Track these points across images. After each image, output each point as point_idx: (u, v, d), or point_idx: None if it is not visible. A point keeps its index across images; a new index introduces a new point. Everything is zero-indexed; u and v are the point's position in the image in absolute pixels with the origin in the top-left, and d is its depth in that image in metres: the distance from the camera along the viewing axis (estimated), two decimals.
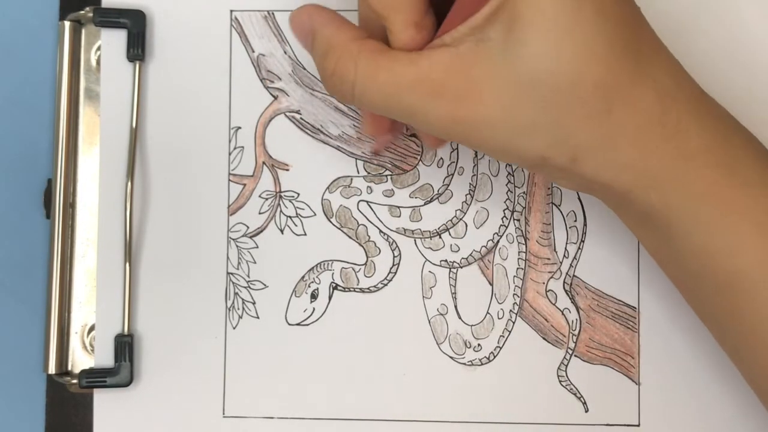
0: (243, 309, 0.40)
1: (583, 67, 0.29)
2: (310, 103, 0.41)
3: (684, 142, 0.31)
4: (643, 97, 0.30)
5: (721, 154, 0.31)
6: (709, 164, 0.31)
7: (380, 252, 0.40)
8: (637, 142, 0.30)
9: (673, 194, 0.31)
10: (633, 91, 0.30)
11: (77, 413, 0.41)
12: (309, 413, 0.40)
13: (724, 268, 0.31)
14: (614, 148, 0.30)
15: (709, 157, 0.31)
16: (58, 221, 0.40)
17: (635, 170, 0.31)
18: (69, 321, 0.41)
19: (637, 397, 0.39)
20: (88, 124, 0.41)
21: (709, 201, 0.31)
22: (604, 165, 0.31)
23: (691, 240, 0.32)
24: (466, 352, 0.40)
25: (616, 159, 0.31)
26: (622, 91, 0.30)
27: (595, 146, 0.30)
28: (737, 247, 0.31)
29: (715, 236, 0.31)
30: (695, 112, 0.31)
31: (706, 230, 0.31)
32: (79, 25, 0.41)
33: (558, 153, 0.31)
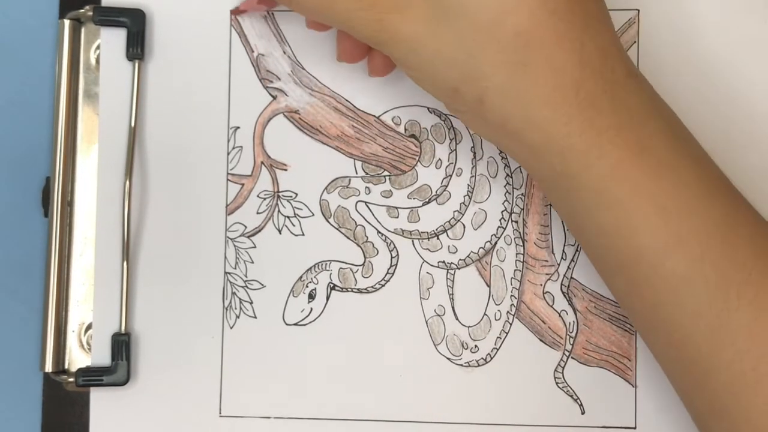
0: (240, 308, 0.40)
1: (508, 12, 0.30)
2: (309, 104, 0.41)
3: (595, 116, 0.31)
4: (564, 60, 0.30)
5: (632, 135, 0.31)
6: (618, 143, 0.31)
7: (378, 253, 0.40)
8: (549, 103, 0.30)
9: (577, 166, 0.31)
10: (555, 51, 0.30)
11: (74, 412, 0.41)
12: (305, 413, 0.40)
13: (624, 246, 0.32)
14: (523, 102, 0.31)
15: (620, 135, 0.31)
16: (56, 220, 0.40)
17: (541, 130, 0.31)
18: (66, 319, 0.41)
19: (634, 400, 0.39)
20: (87, 122, 0.41)
21: (614, 180, 0.31)
22: (512, 115, 0.31)
23: (593, 214, 0.32)
24: (463, 353, 0.40)
25: (524, 113, 0.31)
26: (544, 48, 0.30)
27: (504, 94, 0.31)
28: (638, 228, 0.31)
29: (617, 214, 0.31)
30: (613, 90, 0.31)
31: (608, 207, 0.31)
32: (79, 23, 0.41)
33: (468, 88, 0.31)
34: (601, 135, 0.31)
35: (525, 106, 0.31)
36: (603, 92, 0.31)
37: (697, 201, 0.31)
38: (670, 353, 0.33)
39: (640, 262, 0.32)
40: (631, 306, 0.34)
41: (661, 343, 0.33)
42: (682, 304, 0.31)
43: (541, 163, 0.32)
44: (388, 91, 0.41)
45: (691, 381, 0.33)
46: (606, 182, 0.31)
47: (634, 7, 0.40)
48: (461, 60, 0.31)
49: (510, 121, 0.31)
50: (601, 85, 0.31)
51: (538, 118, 0.31)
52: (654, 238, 0.31)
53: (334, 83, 0.41)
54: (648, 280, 0.32)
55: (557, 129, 0.31)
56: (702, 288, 0.31)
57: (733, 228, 0.31)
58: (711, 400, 0.32)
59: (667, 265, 0.31)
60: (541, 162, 0.32)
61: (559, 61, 0.30)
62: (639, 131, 0.31)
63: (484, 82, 0.31)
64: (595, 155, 0.31)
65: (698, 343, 0.31)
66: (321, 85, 0.41)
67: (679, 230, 0.31)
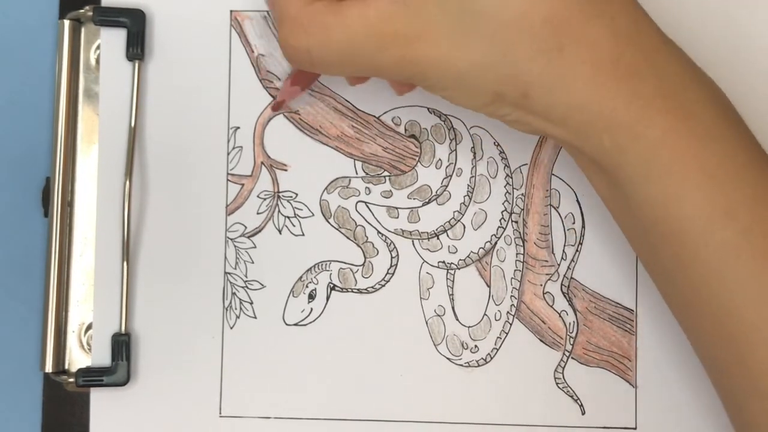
0: (240, 309, 0.40)
1: (531, 3, 0.29)
2: (308, 104, 0.41)
3: (639, 86, 0.30)
4: (597, 36, 0.30)
5: (677, 102, 0.31)
6: (664, 110, 0.30)
7: (378, 253, 0.40)
8: (590, 82, 0.30)
9: (626, 139, 0.31)
10: (586, 29, 0.30)
11: (74, 412, 0.41)
12: (305, 413, 0.40)
13: (672, 217, 0.31)
14: (566, 86, 0.30)
15: (665, 103, 0.31)
16: (56, 220, 0.40)
17: (588, 111, 0.31)
18: (66, 320, 0.41)
19: (634, 400, 0.39)
20: (87, 122, 0.41)
21: (662, 148, 0.31)
22: (556, 103, 0.31)
23: (643, 187, 0.31)
24: (463, 353, 0.40)
25: (568, 97, 0.31)
26: (574, 28, 0.30)
27: (546, 83, 0.30)
28: (686, 197, 0.31)
29: (666, 184, 0.31)
30: (652, 57, 0.31)
31: (657, 177, 0.31)
32: (79, 23, 0.41)
33: (510, 88, 0.31)
34: (647, 104, 0.30)
35: (568, 90, 0.30)
36: (643, 61, 0.30)
37: (745, 170, 0.31)
38: (710, 331, 0.32)
39: (688, 233, 0.31)
40: (673, 282, 0.33)
41: (702, 320, 0.32)
42: (727, 277, 0.31)
43: (588, 142, 0.31)
44: (388, 91, 0.40)
45: (731, 358, 0.32)
46: (655, 152, 0.31)
47: None
48: (496, 62, 0.30)
49: (556, 109, 0.31)
50: (640, 54, 0.30)
51: (582, 99, 0.30)
52: (703, 209, 0.31)
53: (334, 84, 0.41)
54: (694, 252, 0.31)
55: (603, 105, 0.30)
56: (748, 260, 0.30)
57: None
58: (750, 380, 0.31)
59: (716, 236, 0.31)
60: (589, 141, 0.31)
61: (592, 37, 0.30)
62: (683, 98, 0.31)
63: (523, 77, 0.30)
64: (643, 125, 0.30)
65: (743, 316, 0.31)
66: (321, 86, 0.41)
67: (729, 200, 0.30)
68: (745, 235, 0.30)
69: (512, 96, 0.31)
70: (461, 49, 0.30)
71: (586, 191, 0.40)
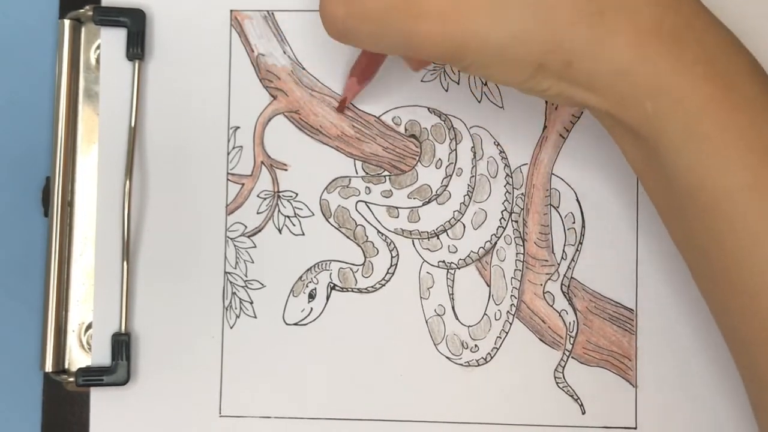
0: (240, 308, 0.40)
1: None
2: (309, 104, 0.41)
3: (682, 51, 0.30)
4: (636, 0, 0.30)
5: (720, 68, 0.30)
6: (708, 76, 0.30)
7: (378, 252, 0.40)
8: (633, 46, 0.30)
9: (669, 105, 0.30)
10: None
11: (74, 411, 0.41)
12: (305, 413, 0.40)
13: (711, 188, 0.31)
14: (609, 51, 0.30)
15: (708, 69, 0.30)
16: (56, 219, 0.40)
17: (631, 76, 0.30)
18: (66, 319, 0.41)
19: (635, 400, 0.39)
20: (87, 122, 0.41)
21: (706, 116, 0.30)
22: (600, 70, 0.30)
23: (682, 156, 0.31)
24: (463, 352, 0.40)
25: (611, 63, 0.30)
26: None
27: (589, 49, 0.30)
28: (727, 167, 0.30)
29: (707, 153, 0.30)
30: (693, 23, 0.31)
31: (699, 146, 0.31)
32: (79, 23, 0.41)
33: (553, 57, 0.30)
34: (690, 70, 0.30)
35: (611, 56, 0.30)
36: (685, 26, 0.30)
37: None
38: (741, 305, 0.32)
39: (725, 205, 0.31)
40: (706, 257, 0.32)
41: (733, 294, 0.32)
42: (766, 251, 0.30)
43: (630, 110, 0.31)
44: (388, 91, 0.41)
45: (761, 335, 0.31)
46: (697, 119, 0.30)
47: None
48: (537, 31, 0.30)
49: (599, 77, 0.31)
50: (682, 19, 0.30)
51: (626, 64, 0.30)
52: (742, 180, 0.30)
53: (334, 83, 0.41)
54: (731, 225, 0.31)
55: (647, 69, 0.30)
56: None
57: None
58: None
59: (754, 208, 0.30)
60: (631, 109, 0.31)
61: (632, 2, 0.30)
62: (725, 67, 0.31)
63: (566, 44, 0.30)
64: (687, 90, 0.30)
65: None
66: (321, 85, 0.41)
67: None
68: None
69: (555, 66, 0.31)
70: (501, 20, 0.30)
71: (586, 191, 0.40)
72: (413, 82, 0.40)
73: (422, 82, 0.40)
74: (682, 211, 0.32)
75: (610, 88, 0.31)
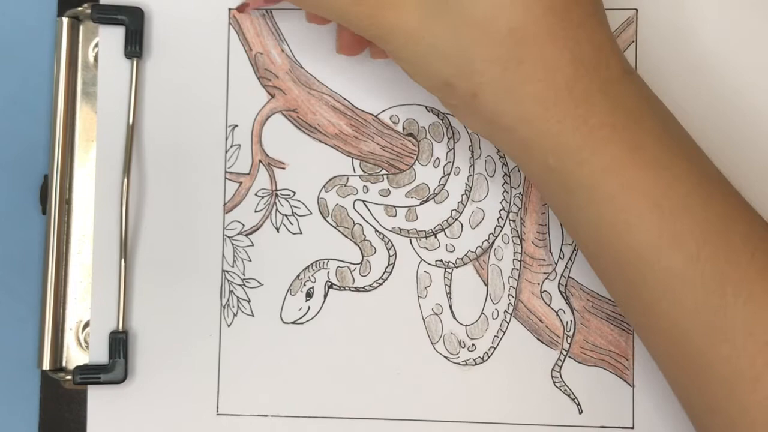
0: (238, 307, 0.40)
1: (503, 7, 0.30)
2: (307, 102, 0.41)
3: (589, 113, 0.31)
4: (558, 58, 0.30)
5: (626, 134, 0.31)
6: (612, 140, 0.31)
7: (376, 251, 0.40)
8: (541, 100, 0.30)
9: (571, 162, 0.31)
10: (549, 49, 0.30)
11: (71, 409, 0.41)
12: (303, 411, 0.40)
13: (619, 244, 0.31)
14: (516, 98, 0.31)
15: (614, 133, 0.31)
16: (54, 217, 0.40)
17: (534, 127, 0.31)
18: (64, 317, 0.41)
19: (632, 400, 0.39)
20: (85, 120, 0.41)
21: (608, 176, 0.31)
22: (504, 111, 0.31)
23: (587, 211, 0.32)
24: (461, 351, 0.40)
25: (517, 109, 0.31)
26: (538, 45, 0.30)
27: (497, 89, 0.31)
28: (632, 225, 0.31)
29: (611, 211, 0.31)
30: (608, 87, 0.31)
31: (602, 204, 0.31)
32: (77, 21, 0.41)
33: (461, 82, 0.31)
34: (594, 132, 0.31)
35: (518, 103, 0.31)
36: (597, 90, 0.31)
37: (693, 198, 0.31)
38: (667, 351, 0.33)
39: (636, 259, 0.31)
40: (627, 304, 0.34)
41: (658, 340, 0.33)
42: (679, 302, 0.31)
43: (533, 159, 0.32)
44: (386, 89, 0.41)
45: (687, 378, 0.33)
46: (599, 178, 0.31)
47: (632, 7, 0.40)
48: (455, 55, 0.31)
49: (503, 117, 0.31)
50: (596, 83, 0.31)
51: (530, 115, 0.31)
52: (649, 236, 0.31)
53: (332, 82, 0.41)
54: (644, 277, 0.32)
55: (550, 126, 0.31)
56: (698, 285, 0.31)
57: (729, 225, 0.31)
58: (708, 397, 0.32)
59: (663, 262, 0.31)
60: (534, 158, 0.32)
61: (553, 58, 0.30)
62: (634, 129, 0.31)
63: (477, 77, 0.31)
64: (588, 152, 0.31)
65: (695, 340, 0.31)
66: (319, 84, 0.41)
67: (674, 227, 0.31)
68: (694, 262, 0.31)
69: (462, 91, 0.31)
70: (427, 30, 0.31)
71: None
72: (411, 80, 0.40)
73: None
74: (597, 258, 0.34)
75: (512, 131, 0.31)
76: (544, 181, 0.33)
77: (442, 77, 0.32)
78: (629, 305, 0.34)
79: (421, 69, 0.32)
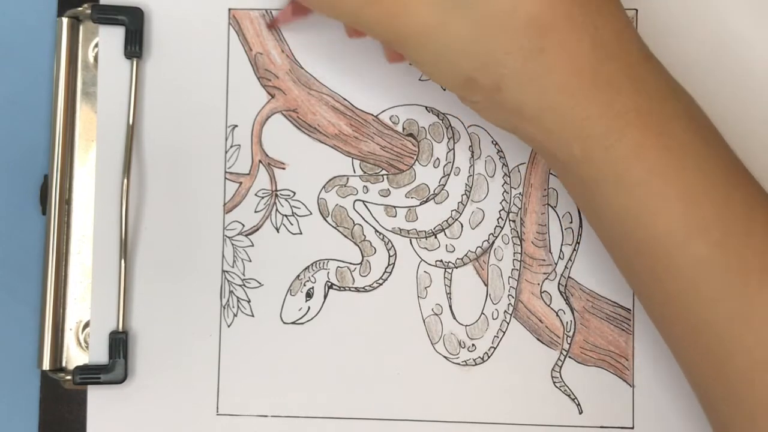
0: (238, 307, 0.40)
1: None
2: (307, 102, 0.41)
3: (614, 98, 0.30)
4: (579, 44, 0.30)
5: (652, 117, 0.31)
6: (638, 125, 0.30)
7: (376, 251, 0.40)
8: (565, 87, 0.30)
9: (597, 149, 0.31)
10: (569, 36, 0.30)
11: (71, 410, 0.41)
12: (302, 412, 0.40)
13: (644, 231, 0.31)
14: (540, 87, 0.30)
15: (640, 118, 0.31)
16: (54, 217, 0.40)
17: (560, 115, 0.31)
18: (64, 317, 0.41)
19: (632, 400, 0.39)
20: (85, 120, 0.41)
21: (635, 162, 0.31)
22: (529, 102, 0.31)
23: (613, 199, 0.31)
24: (461, 352, 0.40)
25: (540, 98, 0.31)
26: (558, 33, 0.30)
27: (521, 81, 0.30)
28: (658, 212, 0.31)
29: (637, 198, 0.31)
30: (631, 71, 0.31)
31: (629, 191, 0.31)
32: (77, 21, 0.41)
33: (484, 77, 0.31)
34: (620, 117, 0.30)
35: (542, 92, 0.30)
36: (621, 75, 0.30)
37: (717, 185, 0.31)
38: (687, 341, 0.33)
39: (660, 247, 0.31)
40: (649, 294, 0.33)
41: (679, 330, 0.33)
42: (702, 291, 0.31)
43: (559, 148, 0.31)
44: (386, 89, 0.41)
45: (707, 369, 0.32)
46: (626, 165, 0.31)
47: (633, 7, 0.40)
48: (475, 49, 0.30)
49: (527, 107, 0.31)
50: (619, 68, 0.31)
51: (555, 104, 0.30)
52: (675, 223, 0.31)
53: (332, 82, 0.41)
54: (668, 266, 0.31)
55: (576, 113, 0.30)
56: (722, 274, 0.31)
57: (751, 213, 0.31)
58: (728, 387, 0.31)
59: (688, 250, 0.31)
60: (560, 147, 0.31)
61: (574, 45, 0.30)
62: (659, 114, 0.31)
63: (500, 69, 0.30)
64: (614, 137, 0.30)
65: (717, 329, 0.31)
66: (319, 84, 0.41)
67: (699, 215, 0.31)
68: (718, 249, 0.31)
69: (485, 84, 0.31)
70: (443, 27, 0.30)
71: None
72: (411, 80, 0.40)
73: (420, 80, 0.40)
74: (620, 248, 0.33)
75: (537, 121, 0.31)
76: (569, 171, 0.32)
77: (463, 73, 0.31)
78: (650, 295, 0.33)
79: (441, 67, 0.32)
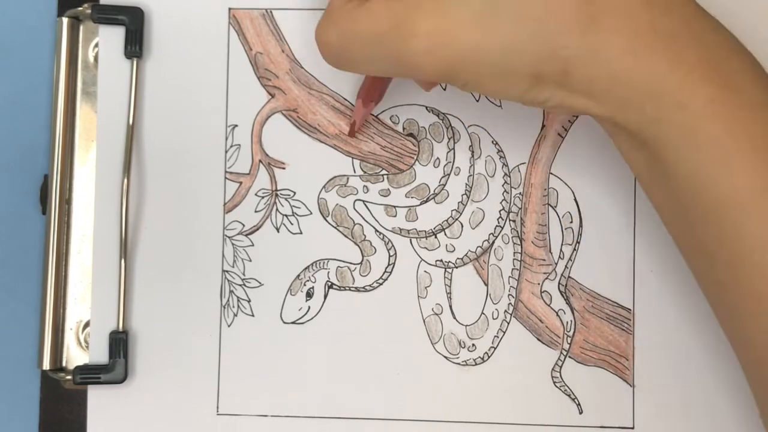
0: (238, 307, 0.40)
1: None
2: (307, 102, 0.41)
3: (679, 53, 0.30)
4: (630, 4, 0.29)
5: (720, 70, 0.30)
6: (708, 78, 0.30)
7: (376, 251, 0.40)
8: (629, 50, 0.29)
9: (669, 108, 0.30)
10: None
11: (71, 409, 0.41)
12: (303, 412, 0.40)
13: (715, 192, 0.30)
14: (605, 57, 0.29)
15: (708, 71, 0.30)
16: (54, 217, 0.40)
17: (629, 80, 0.30)
18: (64, 317, 0.41)
19: (632, 400, 0.39)
20: (85, 120, 0.41)
21: (708, 118, 0.30)
22: (597, 76, 0.30)
23: (685, 160, 0.30)
24: (461, 351, 0.40)
25: (607, 68, 0.30)
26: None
27: (584, 56, 0.29)
28: (733, 170, 0.30)
29: (711, 156, 0.30)
30: (690, 24, 0.30)
31: (702, 150, 0.30)
32: (77, 21, 0.41)
33: (548, 67, 0.30)
34: (690, 72, 0.29)
35: (607, 61, 0.30)
36: (681, 27, 0.30)
37: None
38: (750, 309, 0.31)
39: (731, 207, 0.30)
40: (712, 261, 0.32)
41: (741, 298, 0.31)
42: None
43: (630, 115, 0.31)
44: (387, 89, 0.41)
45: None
46: (699, 121, 0.30)
47: None
48: (529, 43, 0.29)
49: (597, 83, 0.30)
50: (677, 21, 0.30)
51: (624, 69, 0.30)
52: (748, 181, 0.30)
53: (332, 82, 0.41)
54: (738, 226, 0.30)
55: (645, 74, 0.29)
56: None
57: None
58: None
59: (761, 209, 0.30)
60: (631, 113, 0.30)
61: (625, 5, 0.29)
62: (725, 67, 0.30)
63: (561, 52, 0.29)
64: (686, 94, 0.29)
65: None
66: (319, 84, 0.41)
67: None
68: None
69: (552, 75, 0.30)
70: (492, 34, 0.29)
71: (584, 190, 0.40)
72: (411, 80, 0.40)
73: None
74: (686, 216, 0.32)
75: (608, 93, 0.30)
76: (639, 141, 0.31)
77: (527, 73, 0.30)
78: (715, 260, 0.32)
79: (502, 80, 0.31)
